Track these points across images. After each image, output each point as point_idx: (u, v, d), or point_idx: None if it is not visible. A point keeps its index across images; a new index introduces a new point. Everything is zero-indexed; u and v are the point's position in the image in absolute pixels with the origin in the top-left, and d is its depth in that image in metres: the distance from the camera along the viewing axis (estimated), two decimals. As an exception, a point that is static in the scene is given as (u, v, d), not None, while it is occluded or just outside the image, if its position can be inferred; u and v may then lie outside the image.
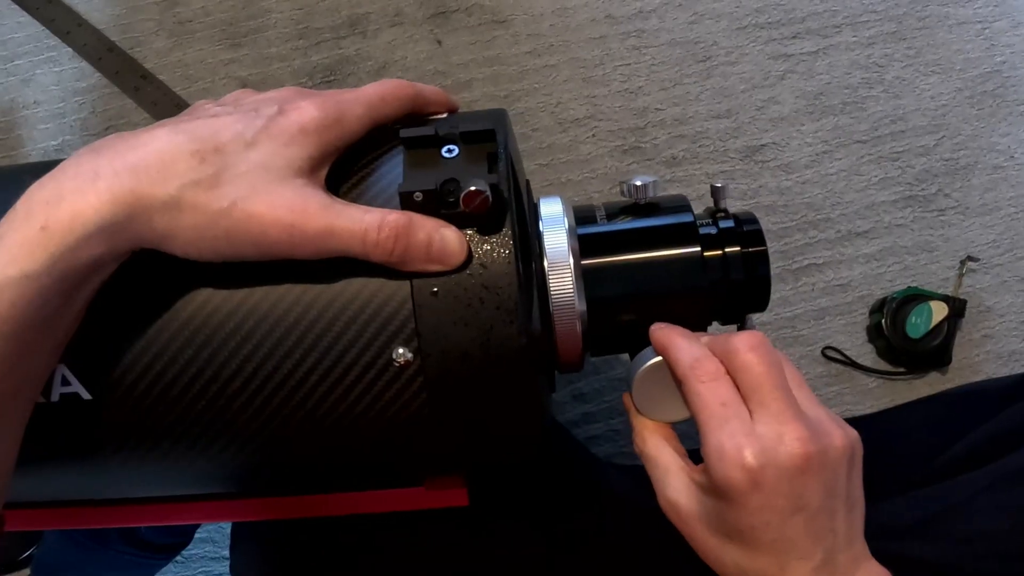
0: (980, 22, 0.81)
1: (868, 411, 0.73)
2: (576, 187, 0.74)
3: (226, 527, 0.72)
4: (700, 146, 0.76)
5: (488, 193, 0.30)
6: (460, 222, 0.31)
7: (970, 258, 0.74)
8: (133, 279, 0.30)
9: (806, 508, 0.30)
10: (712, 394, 0.32)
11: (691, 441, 0.34)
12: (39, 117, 0.79)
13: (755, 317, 0.39)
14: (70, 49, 0.81)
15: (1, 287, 0.27)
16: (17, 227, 0.27)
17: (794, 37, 0.79)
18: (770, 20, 0.80)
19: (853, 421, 0.65)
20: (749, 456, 0.30)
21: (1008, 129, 0.77)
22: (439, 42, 0.79)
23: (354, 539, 0.44)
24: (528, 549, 0.45)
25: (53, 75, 0.80)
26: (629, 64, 0.78)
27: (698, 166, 0.76)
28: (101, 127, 0.77)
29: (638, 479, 0.58)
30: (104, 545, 0.66)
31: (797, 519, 0.30)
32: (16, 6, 0.83)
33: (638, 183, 0.36)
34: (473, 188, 0.30)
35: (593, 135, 0.76)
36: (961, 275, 0.74)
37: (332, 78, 0.78)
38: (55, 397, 0.31)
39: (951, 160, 0.76)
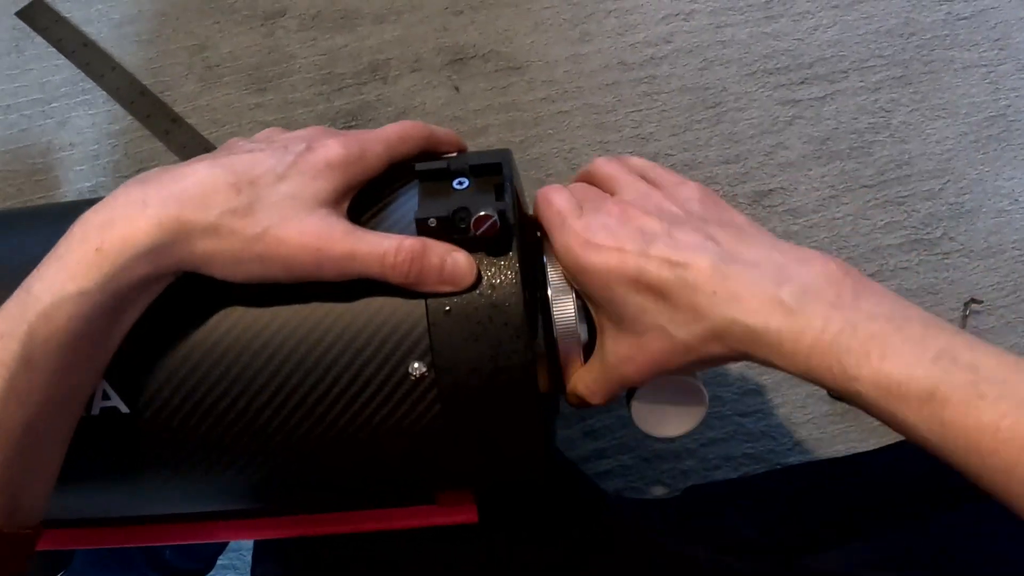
0: (985, 66, 0.82)
1: (873, 447, 0.75)
2: (588, 231, 0.77)
3: (247, 554, 0.74)
4: (709, 191, 0.78)
5: (496, 218, 0.33)
6: (470, 246, 0.34)
7: (974, 300, 0.76)
8: (169, 301, 0.33)
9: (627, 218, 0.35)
10: (552, 209, 0.37)
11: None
12: (74, 159, 0.83)
13: None
14: (104, 92, 0.84)
15: (61, 302, 0.30)
16: (74, 248, 0.31)
17: (802, 82, 0.81)
18: (778, 66, 0.82)
19: (859, 456, 0.66)
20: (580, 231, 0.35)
21: (1013, 173, 0.79)
22: (457, 88, 0.82)
23: (370, 558, 0.46)
24: (535, 570, 0.48)
25: (88, 118, 0.84)
26: (641, 110, 0.80)
27: (707, 209, 0.78)
28: (133, 169, 0.81)
29: (645, 511, 0.60)
30: (130, 569, 0.69)
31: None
32: (54, 49, 0.86)
33: None
34: (483, 213, 0.33)
35: (605, 180, 0.78)
36: (965, 316, 0.76)
37: (354, 123, 0.81)
38: (96, 410, 0.34)
39: (956, 204, 0.78)
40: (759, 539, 0.55)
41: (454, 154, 0.40)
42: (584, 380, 0.38)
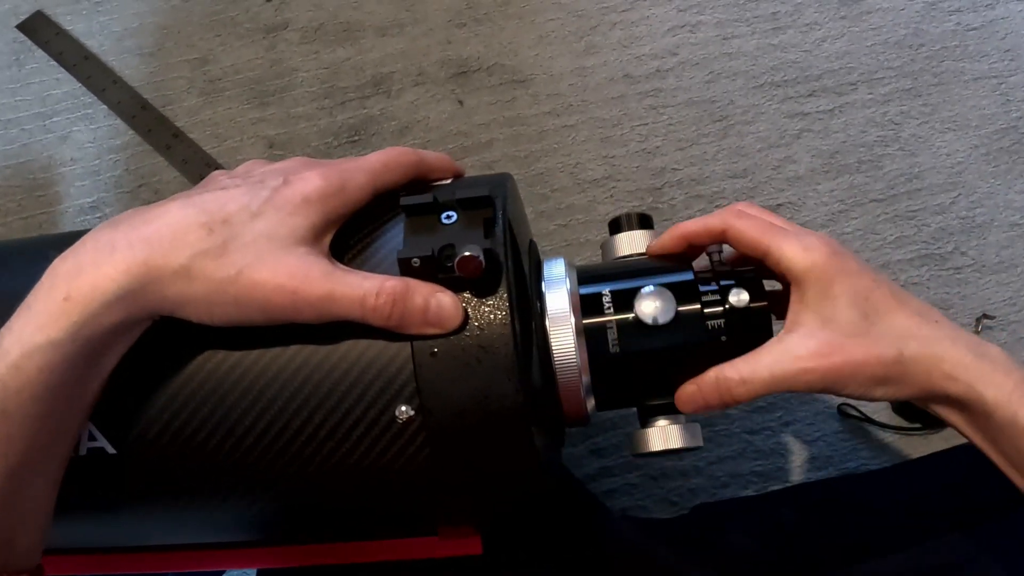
0: (996, 77, 0.81)
1: (884, 465, 0.74)
2: (595, 247, 0.76)
3: (251, 573, 0.73)
4: (717, 206, 0.77)
5: (481, 258, 0.31)
6: (457, 286, 0.33)
7: (986, 315, 0.75)
8: (153, 344, 0.33)
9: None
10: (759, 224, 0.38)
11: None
12: (75, 174, 0.82)
13: None
14: (105, 107, 0.84)
15: (31, 353, 0.29)
16: (42, 298, 0.30)
17: (810, 95, 0.80)
18: (786, 78, 0.81)
19: (870, 475, 0.65)
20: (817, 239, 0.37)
21: (1024, 186, 0.78)
22: (461, 102, 0.81)
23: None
24: None
25: (89, 132, 0.83)
26: (647, 124, 0.79)
27: (715, 224, 0.77)
28: (134, 184, 0.80)
29: (650, 532, 0.59)
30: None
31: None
32: (55, 63, 0.86)
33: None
34: (467, 254, 0.31)
35: (611, 195, 0.77)
36: (977, 332, 0.75)
37: (357, 137, 0.80)
38: (83, 451, 0.34)
39: (967, 218, 0.77)
40: (768, 558, 0.54)
41: (448, 180, 0.39)
42: (750, 367, 0.36)
